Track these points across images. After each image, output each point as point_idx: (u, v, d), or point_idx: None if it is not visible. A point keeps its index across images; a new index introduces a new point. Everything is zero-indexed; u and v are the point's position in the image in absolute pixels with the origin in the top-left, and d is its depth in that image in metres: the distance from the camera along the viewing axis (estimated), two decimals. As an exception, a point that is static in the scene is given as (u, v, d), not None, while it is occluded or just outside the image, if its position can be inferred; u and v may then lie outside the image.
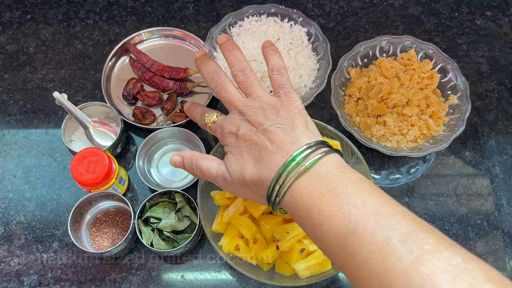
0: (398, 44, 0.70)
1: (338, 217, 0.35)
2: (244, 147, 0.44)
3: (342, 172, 0.38)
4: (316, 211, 0.37)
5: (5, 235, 0.64)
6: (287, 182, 0.39)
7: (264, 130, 0.44)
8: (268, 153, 0.42)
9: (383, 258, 0.32)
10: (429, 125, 0.64)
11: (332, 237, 0.35)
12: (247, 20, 0.73)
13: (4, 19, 0.79)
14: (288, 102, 0.46)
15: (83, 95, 0.73)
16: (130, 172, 0.68)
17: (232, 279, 0.62)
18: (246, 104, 0.47)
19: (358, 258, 0.33)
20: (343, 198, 0.36)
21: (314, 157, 0.39)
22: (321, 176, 0.38)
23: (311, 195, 0.37)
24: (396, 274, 0.30)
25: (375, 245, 0.32)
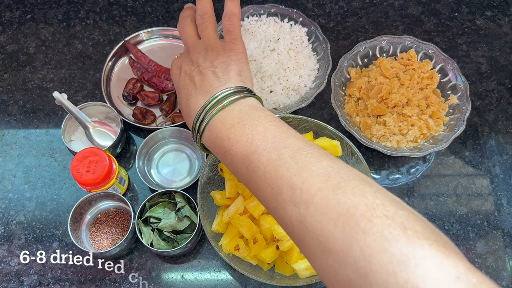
0: (398, 44, 0.70)
1: (243, 142, 0.41)
2: (182, 85, 0.51)
3: (252, 109, 0.45)
4: (227, 139, 0.43)
5: (5, 235, 0.64)
6: (206, 118, 0.45)
7: (199, 71, 0.49)
8: (197, 93, 0.48)
9: (275, 169, 0.38)
10: (429, 125, 0.64)
11: (238, 159, 0.42)
12: (247, 20, 0.73)
13: (4, 19, 0.79)
14: (230, 47, 0.51)
15: (83, 95, 0.73)
16: (130, 172, 0.68)
17: (232, 279, 0.62)
18: (194, 44, 0.53)
19: (257, 173, 0.39)
20: (248, 127, 0.42)
21: (231, 98, 0.45)
22: (234, 112, 0.44)
23: (224, 126, 0.44)
24: (284, 181, 0.37)
25: (270, 161, 0.39)
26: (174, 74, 0.54)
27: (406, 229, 0.30)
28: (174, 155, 0.68)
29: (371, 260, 0.29)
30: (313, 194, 0.34)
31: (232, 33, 0.53)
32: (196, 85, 0.49)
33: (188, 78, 0.50)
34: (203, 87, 0.48)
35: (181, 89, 0.51)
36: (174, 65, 0.54)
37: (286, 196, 0.36)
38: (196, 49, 0.52)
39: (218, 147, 0.45)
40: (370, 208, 0.32)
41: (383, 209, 0.31)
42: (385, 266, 0.28)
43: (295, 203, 0.35)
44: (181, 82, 0.51)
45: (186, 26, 0.56)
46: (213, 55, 0.50)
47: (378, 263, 0.29)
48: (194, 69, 0.50)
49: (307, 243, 0.34)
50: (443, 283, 0.27)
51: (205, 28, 0.54)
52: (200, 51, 0.51)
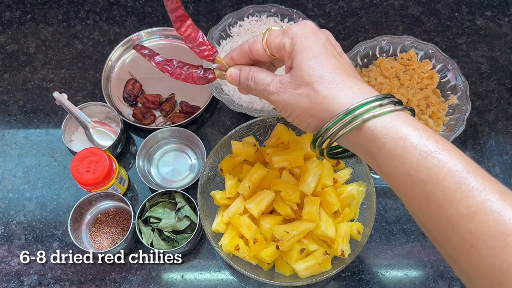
0: (398, 44, 0.70)
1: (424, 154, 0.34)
2: (330, 49, 0.40)
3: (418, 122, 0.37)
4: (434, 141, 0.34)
5: (5, 235, 0.64)
6: (359, 118, 0.36)
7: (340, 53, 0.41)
8: (344, 83, 0.38)
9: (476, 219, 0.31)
10: (429, 125, 0.64)
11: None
12: (247, 20, 0.73)
13: (4, 19, 0.79)
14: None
15: (83, 95, 0.73)
16: (130, 172, 0.68)
17: (232, 279, 0.62)
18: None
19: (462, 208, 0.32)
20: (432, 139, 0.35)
21: (393, 106, 0.37)
22: (403, 119, 0.36)
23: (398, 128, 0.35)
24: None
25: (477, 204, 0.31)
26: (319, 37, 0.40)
27: None
28: (174, 155, 0.68)
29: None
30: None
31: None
32: (347, 71, 0.39)
33: (333, 50, 0.40)
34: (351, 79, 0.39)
35: (326, 52, 0.39)
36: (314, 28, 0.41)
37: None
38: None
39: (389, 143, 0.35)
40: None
41: None
42: None
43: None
44: (327, 44, 0.40)
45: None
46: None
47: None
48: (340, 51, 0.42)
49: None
50: None
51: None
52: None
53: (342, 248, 0.55)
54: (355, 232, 0.57)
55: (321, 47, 0.39)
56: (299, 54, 0.40)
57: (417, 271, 0.62)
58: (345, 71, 0.39)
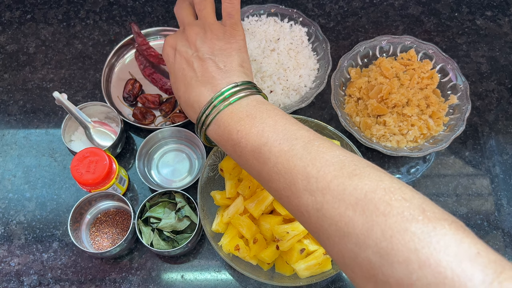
0: (398, 44, 0.70)
1: (253, 134, 0.42)
2: (178, 69, 0.48)
3: (260, 103, 0.45)
4: (235, 132, 0.43)
5: (5, 235, 0.64)
6: (213, 113, 0.45)
7: (199, 57, 0.47)
8: (198, 83, 0.46)
9: (287, 160, 0.38)
10: (429, 125, 0.64)
11: (248, 151, 0.42)
12: (247, 20, 0.73)
13: (4, 19, 0.79)
14: (231, 33, 0.48)
15: (83, 95, 0.73)
16: (130, 172, 0.68)
17: (232, 279, 0.62)
18: (191, 23, 0.50)
19: (269, 164, 0.40)
20: (258, 120, 0.42)
21: (239, 95, 0.45)
22: (242, 106, 0.44)
23: (232, 120, 0.43)
24: (297, 171, 0.37)
25: (282, 151, 0.39)
26: (168, 54, 0.51)
27: (425, 210, 0.31)
28: (174, 155, 0.68)
29: (392, 240, 0.30)
30: (328, 181, 0.35)
31: (233, 17, 0.49)
32: (196, 73, 0.47)
33: (185, 62, 0.48)
34: (204, 77, 0.46)
35: (177, 73, 0.49)
36: (168, 43, 0.51)
37: (301, 185, 0.37)
38: (193, 28, 0.49)
39: (226, 140, 0.44)
40: (388, 192, 0.33)
41: (401, 193, 0.33)
42: (407, 245, 0.29)
43: (310, 192, 0.36)
44: (176, 65, 0.49)
45: (184, 7, 0.53)
46: (212, 38, 0.48)
47: (399, 242, 0.30)
48: (192, 53, 0.48)
49: (325, 230, 0.35)
50: (465, 257, 0.28)
51: (203, 7, 0.50)
52: (198, 32, 0.49)
53: (342, 248, 0.55)
54: (355, 232, 0.57)
55: (174, 71, 0.50)
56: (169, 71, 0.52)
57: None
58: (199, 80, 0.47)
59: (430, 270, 0.28)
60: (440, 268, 0.28)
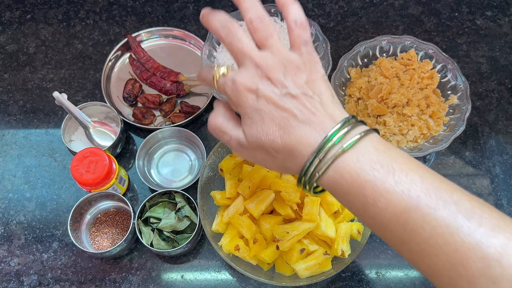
0: (398, 44, 0.70)
1: (397, 193, 0.33)
2: (266, 111, 0.38)
3: (389, 148, 0.36)
4: (370, 188, 0.34)
5: (5, 235, 0.64)
6: (331, 157, 0.35)
7: (291, 95, 0.38)
8: (299, 123, 0.37)
9: (451, 233, 0.31)
10: (429, 125, 0.64)
11: (390, 214, 0.34)
12: (247, 20, 0.72)
13: (4, 19, 0.79)
14: (311, 63, 0.40)
15: (83, 95, 0.73)
16: (130, 172, 0.68)
17: (232, 279, 0.62)
18: (265, 58, 0.39)
19: (422, 235, 0.32)
20: (399, 173, 0.34)
21: (357, 135, 0.36)
22: (370, 151, 0.35)
23: (362, 170, 0.34)
24: (468, 249, 0.30)
25: (441, 220, 0.32)
26: (247, 101, 0.39)
27: None
28: (174, 155, 0.68)
29: None
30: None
31: (308, 44, 0.42)
32: (293, 114, 0.37)
33: (275, 106, 0.38)
34: (304, 115, 0.37)
35: (265, 117, 0.38)
36: (244, 88, 0.39)
37: (475, 268, 0.30)
38: (270, 63, 0.39)
39: (353, 195, 0.35)
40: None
41: None
42: None
43: (491, 279, 0.30)
44: (263, 108, 0.38)
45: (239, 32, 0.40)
46: (295, 73, 0.39)
47: None
48: (280, 92, 0.38)
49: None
50: None
51: (270, 35, 0.41)
52: (276, 68, 0.39)
53: (342, 248, 0.55)
54: (355, 232, 0.57)
55: (261, 116, 0.38)
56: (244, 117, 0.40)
57: (418, 271, 0.62)
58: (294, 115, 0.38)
59: None
60: None
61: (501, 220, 0.32)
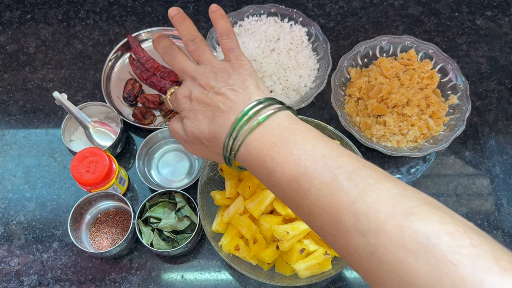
0: (398, 44, 0.70)
1: (289, 163, 0.38)
2: (197, 110, 0.46)
3: (292, 123, 0.41)
4: (270, 159, 0.39)
5: (5, 235, 0.64)
6: (241, 136, 0.41)
7: (216, 92, 0.45)
8: (222, 113, 0.44)
9: (331, 194, 0.35)
10: (429, 125, 0.64)
11: (285, 181, 0.38)
12: (247, 20, 0.73)
13: (4, 19, 0.79)
14: (238, 65, 0.47)
15: (83, 95, 0.73)
16: (130, 172, 0.68)
17: (232, 279, 0.62)
18: (198, 70, 0.48)
19: (309, 197, 0.36)
20: (293, 145, 0.39)
21: (266, 112, 0.41)
22: (273, 128, 0.41)
23: (265, 145, 0.40)
24: (344, 207, 0.34)
25: (324, 183, 0.35)
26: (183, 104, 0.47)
27: (499, 259, 0.29)
28: (174, 155, 0.68)
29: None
30: (383, 221, 0.32)
31: (235, 50, 0.49)
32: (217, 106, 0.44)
33: (204, 104, 0.45)
34: (226, 105, 0.44)
35: (197, 114, 0.46)
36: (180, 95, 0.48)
37: (349, 223, 0.33)
38: (203, 74, 0.47)
39: (258, 167, 0.41)
40: (453, 236, 0.30)
41: (467, 238, 0.30)
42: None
43: (361, 232, 0.32)
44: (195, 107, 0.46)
45: (178, 54, 0.51)
46: (224, 76, 0.46)
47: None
48: (208, 93, 0.45)
49: (381, 276, 0.32)
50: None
51: (202, 52, 0.49)
52: (208, 75, 0.47)
53: (342, 248, 0.55)
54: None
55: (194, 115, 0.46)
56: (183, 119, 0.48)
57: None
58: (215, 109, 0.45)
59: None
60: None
61: (377, 179, 0.35)
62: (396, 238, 0.31)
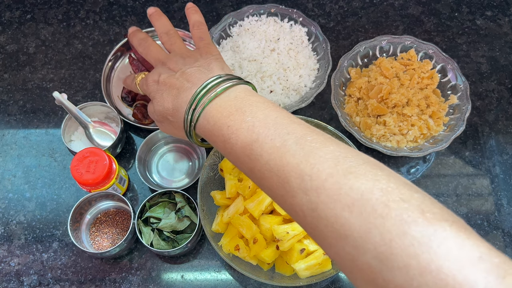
0: (398, 44, 0.70)
1: (243, 129, 0.40)
2: (163, 89, 0.48)
3: (249, 95, 0.44)
4: (226, 127, 0.42)
5: (5, 235, 0.64)
6: (200, 106, 0.44)
7: (183, 72, 0.48)
8: (185, 90, 0.46)
9: (280, 157, 0.37)
10: (429, 125, 0.64)
11: (239, 148, 0.40)
12: (247, 20, 0.73)
13: (4, 19, 0.79)
14: (206, 51, 0.51)
15: (83, 95, 0.73)
16: (130, 172, 0.68)
17: (232, 279, 0.62)
18: (168, 56, 0.52)
19: (261, 161, 0.38)
20: (248, 114, 0.41)
21: (225, 85, 0.44)
22: (231, 99, 0.43)
23: (222, 114, 0.42)
24: (290, 168, 0.36)
25: (274, 148, 0.38)
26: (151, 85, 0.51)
27: (424, 211, 0.30)
28: (174, 155, 0.68)
29: (392, 244, 0.29)
30: (323, 180, 0.34)
31: (204, 39, 0.53)
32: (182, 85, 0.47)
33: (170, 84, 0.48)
34: (190, 82, 0.47)
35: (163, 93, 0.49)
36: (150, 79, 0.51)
37: (295, 183, 0.35)
38: (172, 58, 0.51)
39: (216, 135, 0.43)
40: (385, 192, 0.31)
41: (399, 193, 0.31)
42: (407, 249, 0.29)
43: (304, 191, 0.35)
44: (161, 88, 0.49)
45: (151, 45, 0.55)
46: (192, 60, 0.49)
47: (399, 247, 0.29)
48: (175, 74, 0.49)
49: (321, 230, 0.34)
50: (466, 262, 0.27)
51: (173, 42, 0.53)
52: (177, 60, 0.50)
53: (342, 248, 0.55)
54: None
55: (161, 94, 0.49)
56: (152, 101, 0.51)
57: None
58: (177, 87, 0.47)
59: (431, 277, 0.27)
60: (441, 275, 0.27)
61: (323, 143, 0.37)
62: (334, 194, 0.33)
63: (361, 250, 0.31)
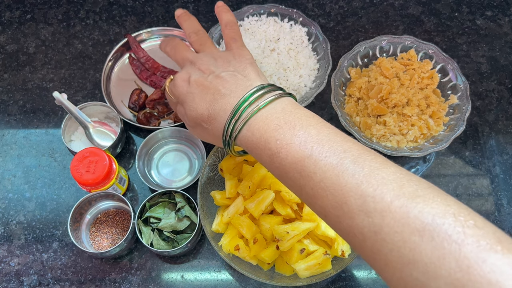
0: (398, 44, 0.70)
1: (295, 145, 0.38)
2: (195, 93, 0.46)
3: (296, 109, 0.42)
4: (274, 141, 0.40)
5: (5, 235, 0.64)
6: (244, 117, 0.42)
7: (216, 76, 0.45)
8: (222, 96, 0.44)
9: (337, 176, 0.35)
10: (429, 125, 0.64)
11: (289, 163, 0.39)
12: (247, 20, 0.73)
13: (4, 19, 0.79)
14: (239, 54, 0.48)
15: (83, 95, 0.73)
16: (130, 172, 0.68)
17: (232, 279, 0.62)
18: (197, 56, 0.49)
19: (314, 179, 0.37)
20: (299, 128, 0.39)
21: (270, 97, 0.42)
22: (277, 111, 0.41)
23: (269, 127, 0.40)
24: (350, 188, 0.34)
25: (329, 165, 0.36)
26: (181, 86, 0.47)
27: (501, 241, 0.30)
28: (174, 155, 0.68)
29: (470, 271, 0.28)
30: (389, 202, 0.32)
31: (237, 41, 0.50)
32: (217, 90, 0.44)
33: (202, 87, 0.45)
34: (227, 89, 0.44)
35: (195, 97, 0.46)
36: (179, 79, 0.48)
37: (355, 205, 0.34)
38: (203, 59, 0.48)
39: (261, 149, 0.41)
40: (458, 217, 0.31)
41: (471, 219, 0.31)
42: (487, 276, 0.28)
43: (367, 213, 0.33)
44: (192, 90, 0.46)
45: (179, 44, 0.52)
46: (224, 62, 0.47)
47: (478, 274, 0.28)
48: (208, 76, 0.46)
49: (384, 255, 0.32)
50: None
51: (204, 42, 0.51)
52: (208, 61, 0.47)
53: (342, 248, 0.55)
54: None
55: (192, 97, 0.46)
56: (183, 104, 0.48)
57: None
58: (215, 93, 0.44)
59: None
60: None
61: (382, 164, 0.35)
62: (401, 218, 0.31)
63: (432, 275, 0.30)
